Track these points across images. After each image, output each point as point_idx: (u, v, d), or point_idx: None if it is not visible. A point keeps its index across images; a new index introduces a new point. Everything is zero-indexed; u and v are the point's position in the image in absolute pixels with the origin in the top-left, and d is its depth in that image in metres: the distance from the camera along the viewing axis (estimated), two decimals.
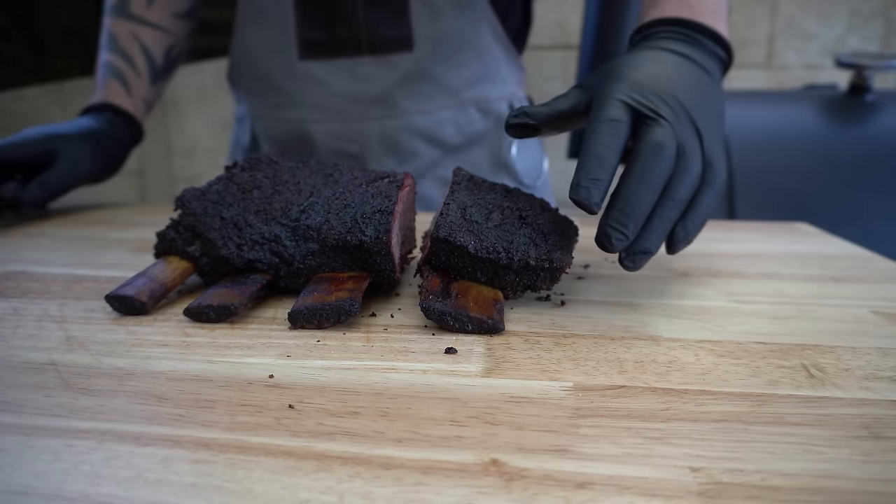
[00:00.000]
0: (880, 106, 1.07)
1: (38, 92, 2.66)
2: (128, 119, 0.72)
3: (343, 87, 0.72)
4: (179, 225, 0.40)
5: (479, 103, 0.76)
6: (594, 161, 0.35)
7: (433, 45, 0.71)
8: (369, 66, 0.71)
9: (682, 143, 0.36)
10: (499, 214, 0.39)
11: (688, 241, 0.38)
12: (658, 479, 0.22)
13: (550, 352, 0.33)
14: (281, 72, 0.73)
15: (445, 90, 0.74)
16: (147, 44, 0.74)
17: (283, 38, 0.71)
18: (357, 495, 0.21)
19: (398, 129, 0.74)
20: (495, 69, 0.76)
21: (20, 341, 0.33)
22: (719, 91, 0.42)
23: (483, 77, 0.75)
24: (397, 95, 0.73)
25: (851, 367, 0.32)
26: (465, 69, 0.74)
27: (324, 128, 0.74)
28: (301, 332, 0.35)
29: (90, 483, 0.21)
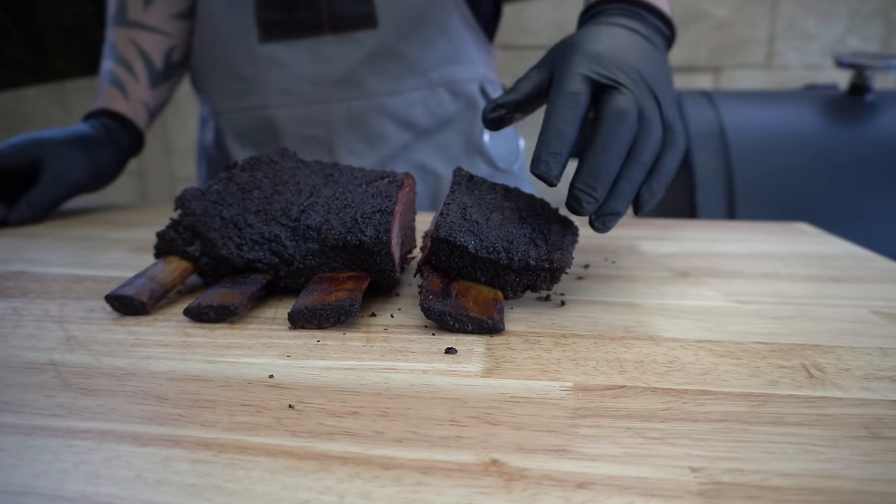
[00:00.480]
0: (880, 106, 1.07)
1: (37, 92, 2.66)
2: (125, 124, 0.71)
3: (306, 68, 0.71)
4: (179, 225, 0.40)
5: (449, 84, 0.76)
6: (553, 135, 0.36)
7: (398, 21, 0.70)
8: (332, 45, 0.70)
9: (643, 108, 0.38)
10: (499, 214, 0.39)
11: (653, 201, 0.39)
12: (658, 479, 0.22)
13: (550, 352, 0.33)
14: (242, 57, 0.72)
15: (413, 69, 0.73)
16: (145, 48, 0.74)
17: (242, 21, 0.71)
18: (357, 495, 0.21)
19: (366, 111, 0.73)
20: (463, 50, 0.75)
21: (20, 341, 0.33)
22: (667, 63, 0.45)
23: (451, 58, 0.75)
24: (363, 74, 0.71)
25: (851, 367, 0.32)
26: (432, 48, 0.73)
27: (288, 112, 0.73)
28: (301, 332, 0.35)
29: (90, 483, 0.21)
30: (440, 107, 0.76)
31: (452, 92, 0.76)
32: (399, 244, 0.40)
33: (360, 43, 0.70)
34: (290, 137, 0.74)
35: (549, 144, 0.36)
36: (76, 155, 0.64)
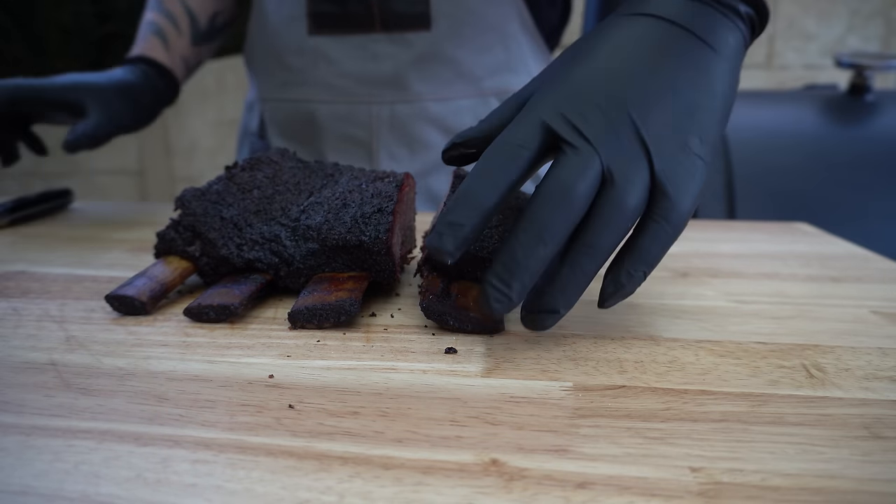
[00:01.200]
0: (880, 106, 1.07)
1: None
2: (163, 72, 0.68)
3: (353, 65, 0.69)
4: (179, 225, 0.40)
5: (502, 94, 0.71)
6: (463, 199, 0.28)
7: (453, 24, 0.67)
8: (382, 43, 0.67)
9: (611, 169, 0.28)
10: (498, 215, 0.39)
11: (621, 294, 0.30)
12: (658, 479, 0.22)
13: (550, 352, 0.33)
14: (289, 47, 0.70)
15: (465, 76, 0.69)
16: (191, 6, 0.72)
17: (293, 10, 0.69)
18: (357, 495, 0.21)
19: (410, 115, 0.70)
20: (520, 59, 0.71)
21: (20, 341, 0.33)
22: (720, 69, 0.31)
23: (507, 66, 0.71)
24: (411, 78, 0.68)
25: (851, 367, 0.32)
26: (488, 55, 0.69)
27: (330, 109, 0.71)
28: (301, 332, 0.35)
29: (90, 483, 0.21)
30: None
31: None
32: (399, 244, 0.40)
33: (411, 44, 0.67)
34: (330, 135, 0.72)
35: (453, 211, 0.28)
36: (119, 97, 0.62)
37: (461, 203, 0.28)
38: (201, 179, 2.65)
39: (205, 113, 2.62)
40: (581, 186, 0.28)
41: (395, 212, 0.39)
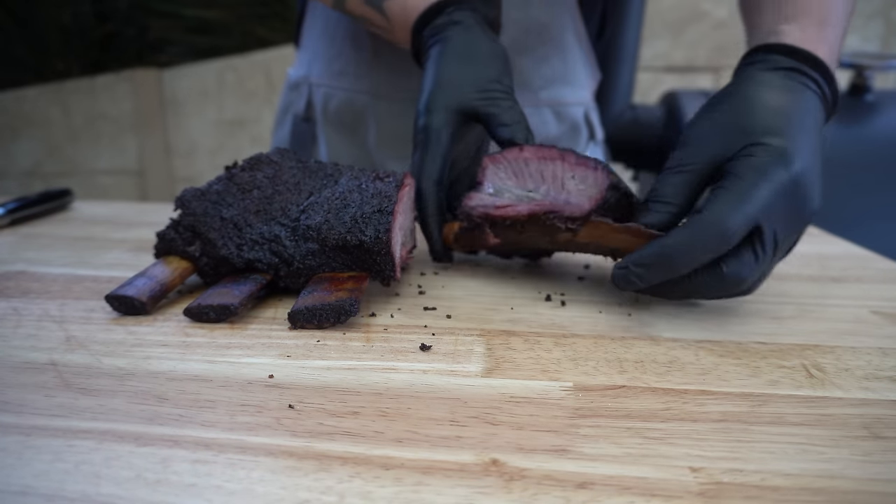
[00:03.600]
0: (880, 106, 1.07)
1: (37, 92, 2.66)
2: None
3: (415, 64, 0.68)
4: (179, 225, 0.40)
5: (556, 105, 0.70)
6: (659, 259, 0.35)
7: (519, 34, 0.65)
8: None
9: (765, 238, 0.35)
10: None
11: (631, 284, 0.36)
12: (658, 479, 0.22)
13: (550, 352, 0.33)
14: (351, 38, 0.69)
15: (524, 85, 0.68)
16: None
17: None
18: (357, 495, 0.21)
19: None
20: (574, 71, 0.71)
21: (20, 341, 0.33)
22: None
23: (562, 78, 0.70)
24: None
25: (851, 367, 0.32)
26: (546, 66, 0.68)
27: (387, 106, 0.70)
28: (301, 332, 0.35)
29: (90, 483, 0.21)
30: (543, 127, 0.70)
31: (558, 114, 0.71)
32: (399, 244, 0.40)
33: None
34: (383, 131, 0.71)
35: (648, 263, 0.35)
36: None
37: (658, 262, 0.34)
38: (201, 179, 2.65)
39: (205, 113, 2.62)
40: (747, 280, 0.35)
41: (395, 212, 0.39)
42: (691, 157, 0.37)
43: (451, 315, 0.37)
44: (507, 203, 0.41)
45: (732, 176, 0.35)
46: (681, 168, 0.37)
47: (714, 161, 0.37)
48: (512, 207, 0.40)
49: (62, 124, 2.68)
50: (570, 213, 0.38)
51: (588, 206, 0.38)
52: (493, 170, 0.42)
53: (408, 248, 0.44)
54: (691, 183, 0.37)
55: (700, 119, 0.39)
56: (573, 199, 0.38)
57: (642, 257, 0.35)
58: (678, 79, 2.00)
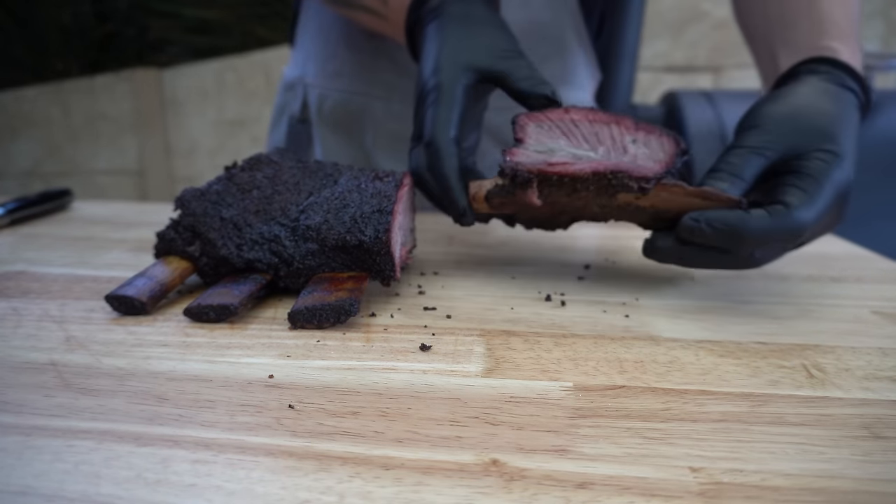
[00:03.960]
0: (880, 106, 1.07)
1: (37, 92, 2.66)
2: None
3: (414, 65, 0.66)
4: (179, 225, 0.40)
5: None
6: (726, 225, 0.36)
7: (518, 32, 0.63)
8: None
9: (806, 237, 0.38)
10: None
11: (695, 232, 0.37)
12: (658, 479, 0.22)
13: (550, 352, 0.33)
14: (349, 39, 0.68)
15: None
16: None
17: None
18: (357, 495, 0.21)
19: None
20: (575, 71, 0.70)
21: (20, 341, 0.33)
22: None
23: (563, 78, 0.70)
24: None
25: (852, 367, 0.32)
26: (546, 66, 0.66)
27: (385, 106, 0.69)
28: (301, 332, 0.35)
29: (90, 483, 0.21)
30: None
31: None
32: (399, 244, 0.40)
33: None
34: (380, 131, 0.70)
35: (719, 218, 0.37)
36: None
37: (732, 232, 0.36)
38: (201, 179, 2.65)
39: (205, 113, 2.62)
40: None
41: (395, 211, 0.39)
42: (771, 143, 0.39)
43: (451, 315, 0.37)
44: (563, 160, 0.38)
45: (810, 178, 0.37)
46: (761, 151, 0.39)
47: (788, 153, 0.39)
48: (570, 165, 0.38)
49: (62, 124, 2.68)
50: (641, 173, 0.37)
51: (659, 168, 0.37)
52: (535, 129, 0.40)
53: (408, 248, 0.44)
54: (763, 166, 0.39)
55: (773, 108, 0.41)
56: (640, 162, 0.37)
57: (721, 220, 0.36)
58: (678, 79, 2.00)
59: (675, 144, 0.38)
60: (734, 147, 0.40)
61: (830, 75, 0.43)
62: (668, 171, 0.37)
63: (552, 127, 0.40)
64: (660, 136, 0.38)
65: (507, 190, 0.40)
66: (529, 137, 0.39)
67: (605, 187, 0.38)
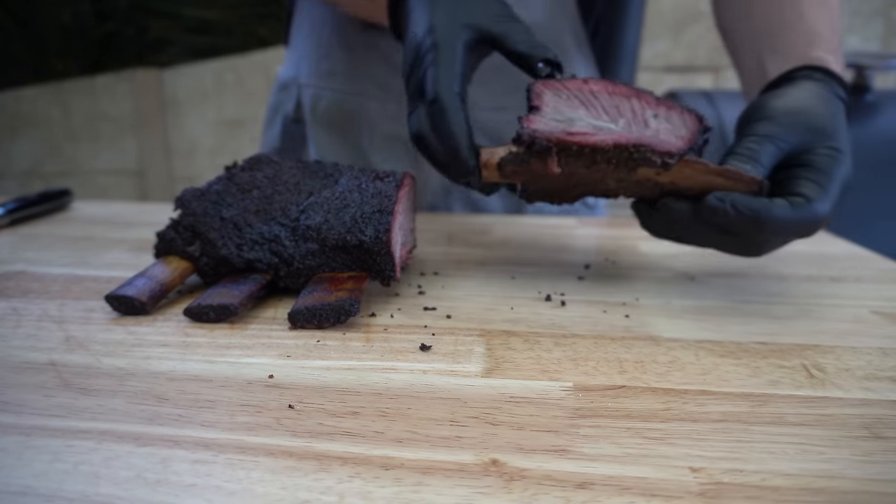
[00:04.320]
0: (880, 106, 1.07)
1: (37, 92, 2.66)
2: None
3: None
4: (179, 225, 0.40)
5: None
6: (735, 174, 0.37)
7: None
8: None
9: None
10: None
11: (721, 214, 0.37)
12: (658, 479, 0.22)
13: (550, 352, 0.33)
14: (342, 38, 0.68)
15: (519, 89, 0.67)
16: None
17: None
18: (357, 495, 0.21)
19: None
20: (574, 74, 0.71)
21: (20, 341, 0.33)
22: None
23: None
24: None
25: (852, 367, 0.32)
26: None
27: (379, 106, 0.69)
28: (301, 332, 0.35)
29: (90, 483, 0.21)
30: None
31: None
32: (399, 244, 0.40)
33: None
34: (375, 131, 0.70)
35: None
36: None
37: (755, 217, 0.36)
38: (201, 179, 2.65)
39: (205, 113, 2.62)
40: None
41: (395, 211, 0.39)
42: (785, 134, 0.39)
43: (451, 315, 0.37)
44: (583, 130, 0.37)
45: (821, 172, 0.38)
46: (775, 140, 0.39)
47: (798, 146, 0.39)
48: (591, 135, 0.37)
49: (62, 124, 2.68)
50: (664, 148, 0.36)
51: (682, 144, 0.36)
52: (552, 97, 0.38)
53: (408, 248, 0.44)
54: (777, 156, 0.39)
55: (780, 102, 0.42)
56: (662, 136, 0.37)
57: (746, 205, 0.36)
58: (678, 79, 2.00)
59: (698, 121, 0.37)
60: (750, 135, 0.40)
61: (824, 83, 0.44)
62: (691, 148, 0.37)
63: (570, 96, 0.38)
64: (681, 112, 0.38)
65: (521, 158, 0.38)
66: (546, 105, 0.38)
67: (627, 160, 0.37)
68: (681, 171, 0.37)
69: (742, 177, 0.36)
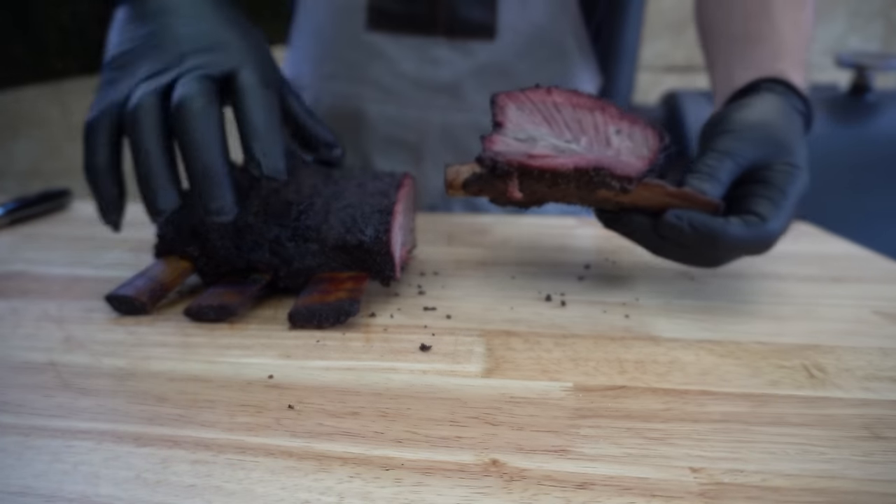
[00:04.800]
0: (880, 106, 1.07)
1: (37, 92, 2.66)
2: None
3: (409, 67, 0.66)
4: (179, 225, 0.40)
5: None
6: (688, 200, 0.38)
7: (517, 37, 0.65)
8: (442, 49, 0.64)
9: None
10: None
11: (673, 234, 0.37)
12: (658, 479, 0.22)
13: (550, 352, 0.33)
14: (343, 39, 0.68)
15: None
16: None
17: (352, 1, 0.66)
18: (357, 495, 0.21)
19: (463, 126, 0.67)
20: (574, 76, 0.70)
21: (19, 341, 0.33)
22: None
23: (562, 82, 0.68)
24: (468, 87, 0.66)
25: (852, 367, 0.32)
26: (545, 70, 0.67)
27: (379, 109, 0.69)
28: (301, 332, 0.35)
29: (89, 483, 0.21)
30: None
31: None
32: (399, 244, 0.40)
33: (473, 53, 0.64)
34: (376, 135, 0.70)
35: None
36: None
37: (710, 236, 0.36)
38: None
39: None
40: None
41: (395, 211, 0.39)
42: (744, 150, 0.40)
43: (451, 315, 0.37)
44: (544, 153, 0.37)
45: (777, 189, 0.38)
46: (734, 156, 0.40)
47: (756, 161, 0.40)
48: (552, 158, 0.37)
49: (61, 124, 2.68)
50: (623, 171, 0.36)
51: (641, 165, 0.36)
52: (515, 111, 0.38)
53: (408, 248, 0.44)
54: (736, 172, 0.40)
55: (743, 115, 0.42)
56: (623, 157, 0.37)
57: (702, 224, 0.36)
58: (678, 79, 2.00)
59: (659, 139, 0.37)
60: (710, 150, 0.40)
61: (785, 96, 0.45)
62: (651, 169, 0.37)
63: (533, 110, 0.38)
64: (644, 127, 0.38)
65: (485, 179, 0.38)
66: (509, 121, 0.38)
67: (587, 183, 0.37)
68: (640, 193, 0.37)
69: (699, 199, 0.37)
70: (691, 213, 0.37)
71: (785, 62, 0.47)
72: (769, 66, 0.48)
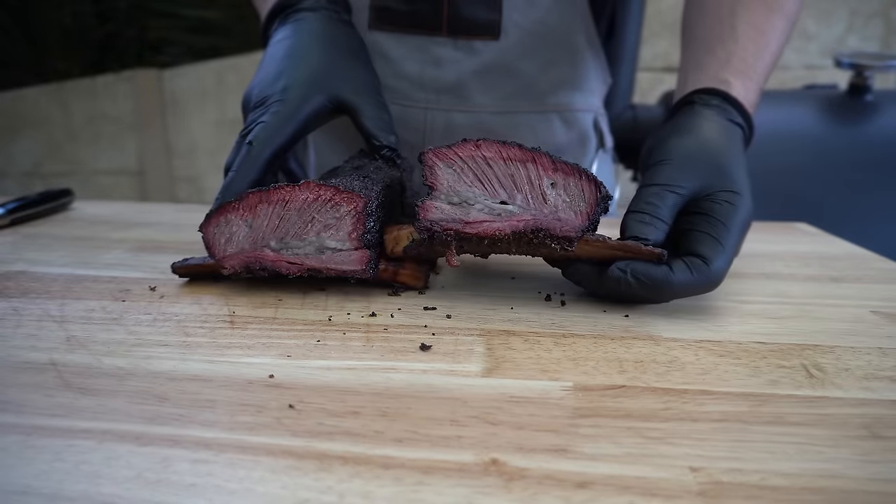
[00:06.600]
0: (880, 106, 1.07)
1: (37, 92, 2.66)
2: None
3: (412, 67, 0.65)
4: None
5: (564, 111, 0.69)
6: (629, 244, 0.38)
7: (522, 36, 0.64)
8: (446, 48, 0.64)
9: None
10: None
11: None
12: (658, 478, 0.22)
13: (550, 352, 0.33)
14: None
15: (529, 90, 0.66)
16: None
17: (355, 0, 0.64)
18: (357, 495, 0.21)
19: (467, 125, 0.67)
20: (584, 76, 0.69)
21: (20, 341, 0.33)
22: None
23: (572, 83, 0.68)
24: (472, 87, 0.65)
25: (851, 366, 0.32)
26: (553, 70, 0.66)
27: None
28: (301, 332, 0.35)
29: (91, 483, 0.21)
30: (550, 135, 0.69)
31: (566, 121, 0.69)
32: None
33: (477, 52, 0.64)
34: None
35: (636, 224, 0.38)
36: (355, 60, 0.51)
37: (657, 287, 0.36)
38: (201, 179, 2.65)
39: (205, 113, 2.62)
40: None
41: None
42: (683, 180, 0.40)
43: (451, 315, 0.38)
44: (480, 219, 0.37)
45: (720, 224, 0.38)
46: (675, 189, 0.39)
47: (697, 191, 0.40)
48: (489, 224, 0.36)
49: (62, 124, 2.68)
50: (562, 231, 0.36)
51: (580, 221, 0.36)
52: (445, 171, 0.37)
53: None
54: (679, 204, 0.40)
55: (679, 142, 0.42)
56: (561, 214, 0.36)
57: (646, 275, 0.36)
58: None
59: (596, 191, 0.36)
60: (650, 184, 0.40)
61: (721, 109, 0.44)
62: (590, 223, 0.37)
63: (463, 168, 0.37)
64: (579, 179, 0.36)
65: (425, 245, 0.39)
66: (441, 183, 0.37)
67: (527, 245, 0.37)
68: (582, 248, 0.37)
69: (641, 251, 0.37)
70: (635, 263, 0.37)
71: (729, 72, 0.46)
72: (714, 74, 0.47)
